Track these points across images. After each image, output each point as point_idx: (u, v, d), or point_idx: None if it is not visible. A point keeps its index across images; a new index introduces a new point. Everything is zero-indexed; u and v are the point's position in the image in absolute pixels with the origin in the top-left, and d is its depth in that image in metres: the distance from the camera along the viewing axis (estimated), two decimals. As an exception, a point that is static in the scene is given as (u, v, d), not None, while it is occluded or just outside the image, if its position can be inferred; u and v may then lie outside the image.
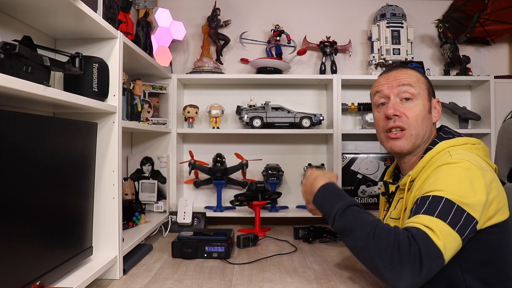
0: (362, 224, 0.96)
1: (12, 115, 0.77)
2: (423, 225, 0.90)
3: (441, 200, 0.91)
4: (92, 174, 1.14)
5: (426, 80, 1.16)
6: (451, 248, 0.88)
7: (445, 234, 0.87)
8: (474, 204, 0.90)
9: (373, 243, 0.91)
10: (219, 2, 2.13)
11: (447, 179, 0.94)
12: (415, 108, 1.10)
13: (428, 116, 1.12)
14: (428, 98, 1.13)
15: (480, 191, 0.91)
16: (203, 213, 1.87)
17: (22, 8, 0.98)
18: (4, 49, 0.75)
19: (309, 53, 2.20)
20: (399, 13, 2.08)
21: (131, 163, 1.94)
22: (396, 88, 1.12)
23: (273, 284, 1.12)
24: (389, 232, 0.91)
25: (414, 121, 1.09)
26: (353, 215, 0.99)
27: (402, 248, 0.88)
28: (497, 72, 2.15)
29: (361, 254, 0.95)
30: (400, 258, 0.87)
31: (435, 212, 0.90)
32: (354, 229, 0.96)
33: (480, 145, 1.07)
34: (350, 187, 2.01)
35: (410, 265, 0.86)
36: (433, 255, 0.87)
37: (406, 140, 1.10)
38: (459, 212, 0.89)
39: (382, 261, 0.89)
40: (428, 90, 1.14)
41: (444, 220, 0.88)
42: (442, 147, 1.05)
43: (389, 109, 1.11)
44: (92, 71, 1.11)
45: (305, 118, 2.00)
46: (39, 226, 0.87)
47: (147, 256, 1.42)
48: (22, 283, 0.80)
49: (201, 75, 2.02)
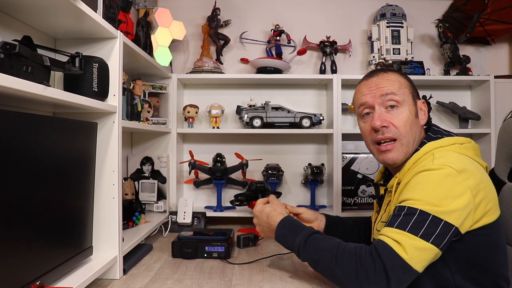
0: (324, 253, 1.00)
1: (12, 115, 0.77)
2: (392, 239, 0.92)
3: (415, 212, 0.91)
4: (92, 174, 1.14)
5: (409, 83, 1.13)
6: (423, 260, 0.90)
7: (415, 247, 0.89)
8: (453, 211, 0.89)
9: (337, 268, 0.96)
10: (219, 2, 2.13)
11: (424, 188, 0.94)
12: (402, 116, 1.07)
13: (416, 121, 1.09)
14: (413, 102, 1.10)
15: (461, 196, 0.90)
16: (203, 213, 1.87)
17: (22, 8, 0.98)
18: (4, 49, 0.75)
19: (309, 53, 2.20)
20: (399, 13, 2.08)
21: (131, 163, 1.94)
22: (380, 97, 1.08)
23: (273, 284, 1.12)
24: (350, 253, 0.96)
25: (403, 130, 1.06)
26: (314, 245, 1.04)
27: (366, 266, 0.92)
28: (497, 72, 2.15)
29: (332, 279, 1.00)
30: (366, 276, 0.91)
31: (407, 226, 0.91)
32: (318, 259, 1.01)
33: (470, 144, 1.05)
34: (350, 187, 2.02)
35: (377, 281, 0.90)
36: (399, 269, 0.89)
37: (397, 151, 1.07)
38: (434, 223, 0.89)
39: (350, 283, 0.94)
40: (412, 93, 1.11)
41: (416, 234, 0.89)
42: (429, 148, 1.03)
43: (375, 121, 1.07)
44: (92, 71, 1.11)
45: (305, 118, 2.00)
46: (39, 226, 0.87)
47: (147, 256, 1.42)
48: (22, 283, 0.80)
49: (201, 75, 2.02)
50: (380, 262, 0.90)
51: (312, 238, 1.05)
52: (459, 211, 0.90)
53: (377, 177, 1.28)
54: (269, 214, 1.18)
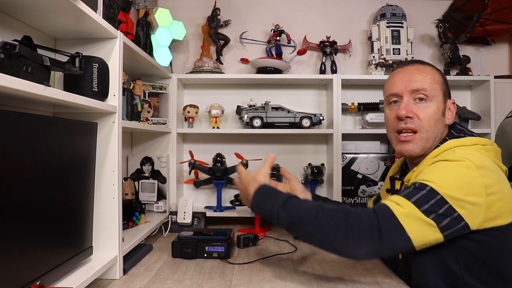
0: (307, 210, 0.97)
1: (12, 115, 0.77)
2: (394, 202, 0.92)
3: (424, 188, 0.92)
4: (92, 174, 1.14)
5: (442, 79, 1.12)
6: (419, 230, 0.89)
7: (413, 214, 0.89)
8: (463, 200, 0.90)
9: (323, 224, 0.93)
10: (219, 2, 2.13)
11: (441, 172, 0.95)
12: (428, 110, 1.07)
13: (442, 119, 1.09)
14: (443, 100, 1.10)
15: (475, 191, 0.90)
16: (203, 213, 1.87)
17: (22, 8, 0.98)
18: (4, 49, 0.75)
19: (309, 53, 2.20)
20: (399, 13, 2.08)
21: (131, 163, 1.94)
22: (410, 89, 1.09)
23: (273, 284, 1.12)
24: (337, 209, 0.94)
25: (426, 123, 1.07)
26: (295, 205, 1.00)
27: (357, 221, 0.90)
28: (497, 72, 2.15)
29: (315, 237, 0.96)
30: (354, 230, 0.89)
31: (413, 197, 0.91)
32: (301, 218, 0.97)
33: (491, 146, 1.05)
34: (350, 187, 2.01)
35: (368, 237, 0.88)
36: (392, 228, 0.88)
37: (415, 144, 1.08)
38: (440, 203, 0.89)
39: (337, 237, 0.91)
40: (443, 91, 1.11)
41: (419, 206, 0.90)
42: (450, 145, 1.03)
43: (401, 110, 1.08)
44: (92, 71, 1.11)
45: (305, 118, 2.00)
46: (39, 226, 0.87)
47: (147, 256, 1.42)
48: (22, 283, 0.80)
49: (201, 75, 2.02)
50: (375, 219, 0.90)
51: (293, 199, 1.02)
52: (469, 204, 0.90)
53: (393, 170, 1.27)
54: (248, 183, 1.13)
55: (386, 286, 1.10)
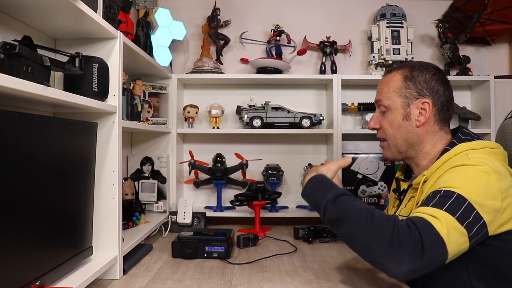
0: (357, 211, 0.93)
1: (12, 115, 0.77)
2: (428, 214, 0.88)
3: (452, 195, 0.89)
4: (92, 174, 1.14)
5: (404, 83, 1.11)
6: (455, 241, 0.85)
7: (451, 225, 0.85)
8: (486, 206, 0.88)
9: (370, 229, 0.88)
10: (219, 2, 2.13)
11: (462, 178, 0.93)
12: (387, 119, 1.14)
13: (405, 124, 1.11)
14: (402, 105, 1.10)
15: (495, 195, 0.90)
16: (203, 213, 1.87)
17: (22, 8, 0.98)
18: (4, 49, 0.75)
19: (309, 53, 2.20)
20: (399, 13, 2.08)
21: (131, 163, 1.94)
22: (375, 101, 1.19)
23: (273, 284, 1.12)
24: (388, 218, 0.90)
25: (388, 132, 1.15)
26: (346, 203, 0.97)
27: (401, 233, 0.85)
28: (497, 72, 2.15)
29: (357, 242, 0.92)
30: (399, 243, 0.84)
31: (444, 205, 0.88)
32: (349, 217, 0.93)
33: (499, 150, 1.05)
34: (350, 187, 2.01)
35: (411, 250, 0.83)
36: (434, 243, 0.84)
37: (387, 150, 1.18)
38: (469, 209, 0.87)
39: (380, 247, 0.86)
40: (404, 95, 1.10)
41: (453, 214, 0.86)
42: (460, 149, 1.03)
43: (370, 122, 1.21)
44: (92, 71, 1.11)
45: (305, 118, 2.00)
46: (39, 226, 0.87)
47: (147, 256, 1.42)
48: (22, 283, 0.80)
49: (201, 75, 2.02)
50: (417, 232, 0.85)
51: (345, 197, 0.99)
52: (491, 209, 0.89)
53: (398, 172, 1.29)
54: (311, 171, 1.14)
55: (386, 286, 1.10)
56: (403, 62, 1.23)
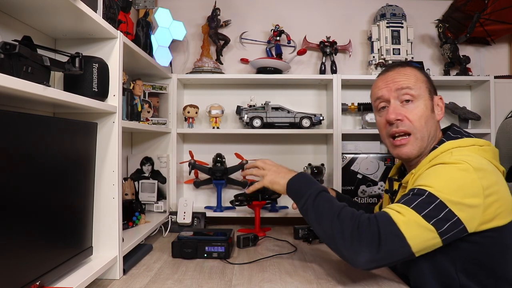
0: (331, 207, 1.03)
1: (12, 115, 0.77)
2: (394, 209, 0.94)
3: (423, 193, 0.93)
4: (92, 174, 1.14)
5: (425, 78, 1.14)
6: (419, 236, 0.90)
7: (414, 221, 0.90)
8: (461, 204, 0.90)
9: (336, 223, 0.98)
10: (219, 2, 2.13)
11: (438, 177, 0.95)
12: (417, 110, 1.08)
13: (432, 116, 1.10)
14: (429, 97, 1.11)
15: (474, 193, 0.91)
16: (203, 213, 1.87)
17: (22, 8, 0.98)
18: (4, 49, 0.75)
19: (309, 53, 2.20)
20: (399, 13, 2.08)
21: (131, 163, 1.94)
22: (395, 91, 1.10)
23: (273, 284, 1.12)
24: (353, 214, 0.98)
25: (418, 124, 1.08)
26: (325, 199, 1.07)
27: (361, 227, 0.93)
28: (497, 72, 2.15)
29: (325, 233, 1.01)
30: (359, 235, 0.92)
31: (413, 203, 0.92)
32: (324, 210, 1.03)
33: (489, 147, 1.05)
34: (350, 187, 2.01)
35: (368, 242, 0.91)
36: (392, 235, 0.90)
37: (412, 146, 1.09)
38: (439, 207, 0.90)
39: (342, 239, 0.95)
40: (428, 88, 1.12)
41: (419, 212, 0.91)
42: (447, 147, 1.03)
43: (390, 114, 1.09)
44: (92, 71, 1.11)
45: (305, 118, 2.00)
46: (39, 226, 0.87)
47: (147, 256, 1.42)
48: (22, 283, 0.80)
49: (201, 75, 2.02)
50: (375, 226, 0.92)
51: (326, 193, 1.09)
52: (467, 207, 0.90)
53: (392, 172, 1.28)
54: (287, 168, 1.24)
55: (386, 286, 1.10)
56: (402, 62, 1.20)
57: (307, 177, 1.17)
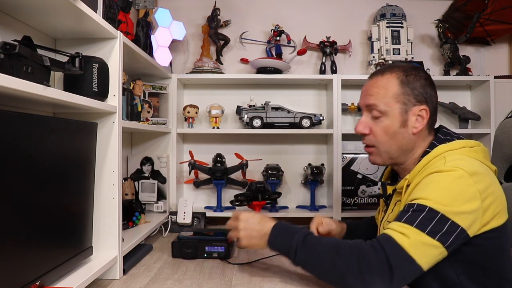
0: (324, 247, 0.98)
1: (12, 115, 0.77)
2: (397, 231, 0.92)
3: (424, 209, 0.91)
4: (92, 174, 1.14)
5: (403, 88, 1.05)
6: (428, 255, 0.89)
7: (421, 241, 0.89)
8: (462, 212, 0.90)
9: (338, 261, 0.93)
10: (219, 2, 2.13)
11: (435, 187, 0.94)
12: (382, 125, 1.07)
13: (401, 130, 1.06)
14: (401, 111, 1.05)
15: (472, 198, 0.91)
16: (203, 213, 1.87)
17: (22, 8, 0.98)
18: (4, 49, 0.75)
19: (309, 53, 2.20)
20: (399, 13, 2.08)
21: (131, 163, 1.94)
22: (364, 104, 1.11)
23: (273, 284, 1.12)
24: (351, 246, 0.95)
25: (381, 139, 1.08)
26: (314, 242, 1.01)
27: (367, 257, 0.90)
28: (497, 72, 2.15)
29: (330, 276, 0.96)
30: (368, 267, 0.89)
31: (415, 221, 0.91)
32: (318, 254, 0.98)
33: (479, 147, 1.05)
34: (350, 187, 2.02)
35: (379, 272, 0.88)
36: (403, 261, 0.88)
37: (376, 157, 1.12)
38: (442, 221, 0.89)
39: (352, 277, 0.91)
40: (402, 101, 1.05)
41: (423, 230, 0.89)
42: (439, 151, 1.02)
43: (357, 126, 1.12)
44: (92, 71, 1.11)
45: (305, 118, 2.00)
46: (39, 226, 0.87)
47: (147, 256, 1.42)
48: (22, 283, 0.80)
49: (201, 75, 2.02)
50: (383, 253, 0.89)
51: (311, 236, 1.04)
52: (467, 214, 0.90)
53: (384, 176, 1.28)
54: (261, 219, 1.13)
55: (386, 286, 1.10)
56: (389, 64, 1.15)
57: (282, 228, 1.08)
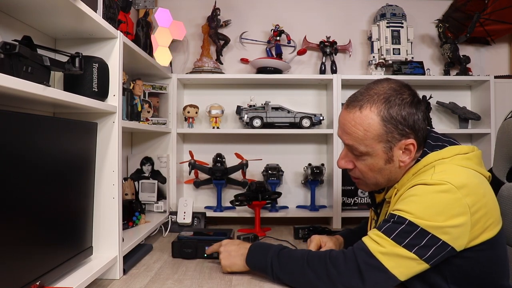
0: (295, 259, 1.02)
1: (12, 115, 0.77)
2: (373, 240, 0.93)
3: (404, 222, 0.91)
4: (92, 174, 1.14)
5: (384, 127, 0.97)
6: (403, 267, 0.90)
7: (395, 253, 0.89)
8: (445, 227, 0.88)
9: (308, 270, 0.98)
10: (219, 2, 2.13)
11: (419, 201, 0.91)
12: (366, 163, 1.01)
13: (387, 166, 1.01)
14: (385, 150, 0.98)
15: (459, 213, 0.88)
16: (203, 213, 1.87)
17: (22, 8, 0.98)
18: (4, 49, 0.75)
19: (309, 53, 2.20)
20: (399, 13, 2.08)
21: (131, 163, 1.94)
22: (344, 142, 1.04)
23: (273, 285, 1.12)
24: (320, 256, 0.99)
25: (366, 175, 1.04)
26: (287, 255, 1.06)
27: (337, 264, 0.94)
28: (497, 72, 2.15)
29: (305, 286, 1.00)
30: (338, 275, 0.93)
31: (393, 233, 0.91)
32: (291, 268, 1.02)
33: (473, 153, 1.00)
34: (350, 187, 2.01)
35: (349, 279, 0.91)
36: (372, 268, 0.90)
37: (364, 186, 1.09)
38: (421, 235, 0.89)
39: (323, 284, 0.95)
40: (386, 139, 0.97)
41: (399, 242, 0.90)
42: (430, 160, 0.98)
43: (339, 161, 1.07)
44: (92, 71, 1.11)
45: (305, 118, 2.00)
46: (39, 226, 0.87)
47: (147, 256, 1.42)
48: (22, 283, 0.80)
49: (201, 75, 2.02)
50: (353, 260, 0.92)
51: (285, 250, 1.08)
52: (452, 228, 0.88)
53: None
54: (240, 243, 1.21)
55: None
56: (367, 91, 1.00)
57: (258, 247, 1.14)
